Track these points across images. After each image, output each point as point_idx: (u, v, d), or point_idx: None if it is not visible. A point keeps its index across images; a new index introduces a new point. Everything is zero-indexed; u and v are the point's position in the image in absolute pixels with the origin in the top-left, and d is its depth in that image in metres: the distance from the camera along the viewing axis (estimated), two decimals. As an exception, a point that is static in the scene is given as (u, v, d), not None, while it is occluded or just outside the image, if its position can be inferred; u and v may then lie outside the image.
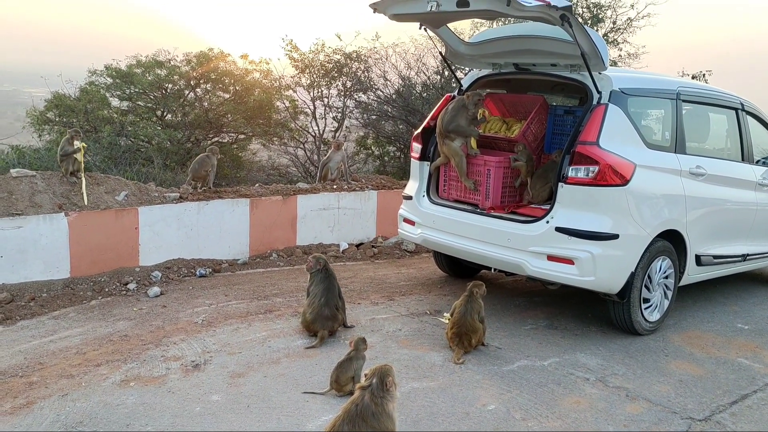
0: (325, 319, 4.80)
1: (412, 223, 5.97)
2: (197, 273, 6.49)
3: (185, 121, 12.43)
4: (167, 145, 11.62)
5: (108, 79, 12.31)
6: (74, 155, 6.19)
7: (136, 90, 12.36)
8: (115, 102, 12.57)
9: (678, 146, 5.47)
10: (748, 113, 6.44)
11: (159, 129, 11.91)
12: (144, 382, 4.09)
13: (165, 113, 12.75)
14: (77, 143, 6.22)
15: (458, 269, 6.56)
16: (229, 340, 4.78)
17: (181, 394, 3.93)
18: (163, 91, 12.54)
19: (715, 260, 5.86)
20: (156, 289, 5.87)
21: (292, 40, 12.98)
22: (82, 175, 6.25)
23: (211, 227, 6.80)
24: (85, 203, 6.04)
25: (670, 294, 5.45)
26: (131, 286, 5.99)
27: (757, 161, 6.46)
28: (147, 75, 12.29)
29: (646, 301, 5.22)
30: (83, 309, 5.47)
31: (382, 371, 3.08)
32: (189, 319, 5.24)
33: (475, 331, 4.65)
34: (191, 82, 12.71)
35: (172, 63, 12.73)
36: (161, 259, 6.48)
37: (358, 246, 7.84)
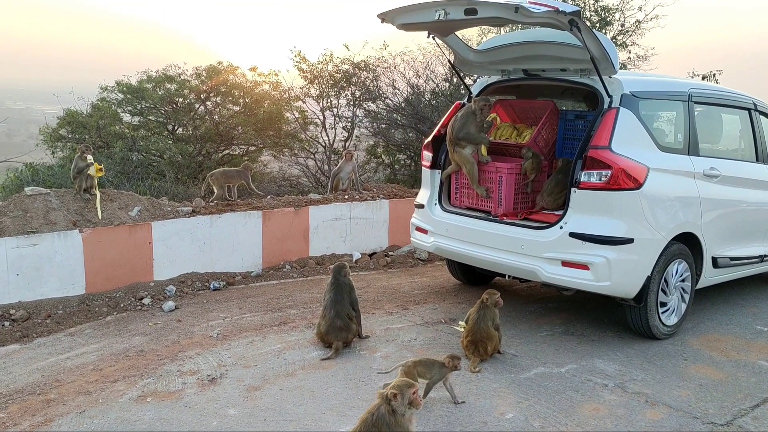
0: (338, 330, 4.79)
1: (424, 231, 5.95)
2: (211, 286, 6.50)
3: (196, 135, 12.51)
4: (179, 158, 11.69)
5: (119, 94, 12.43)
6: (87, 171, 6.22)
7: (147, 105, 12.47)
8: (126, 117, 12.69)
9: (691, 148, 5.43)
10: (761, 113, 6.39)
11: (170, 143, 12.00)
12: (161, 397, 4.09)
13: (176, 127, 12.84)
14: (89, 158, 6.26)
15: (472, 277, 6.53)
16: (245, 353, 4.78)
17: (198, 409, 3.93)
18: (174, 106, 12.64)
19: (732, 262, 5.80)
20: (170, 304, 5.88)
21: (300, 52, 13.06)
22: (96, 190, 6.29)
23: (224, 240, 6.82)
24: (100, 218, 6.07)
25: (687, 297, 5.39)
26: (146, 300, 6.01)
27: (772, 161, 6.40)
28: (157, 90, 12.40)
29: (663, 305, 5.17)
30: (99, 325, 5.49)
31: (403, 384, 3.06)
32: (204, 332, 5.24)
33: (490, 339, 4.62)
34: (201, 95, 12.80)
35: (182, 77, 12.84)
36: (175, 274, 6.50)
37: (371, 255, 7.83)
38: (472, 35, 12.98)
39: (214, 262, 6.77)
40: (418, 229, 6.04)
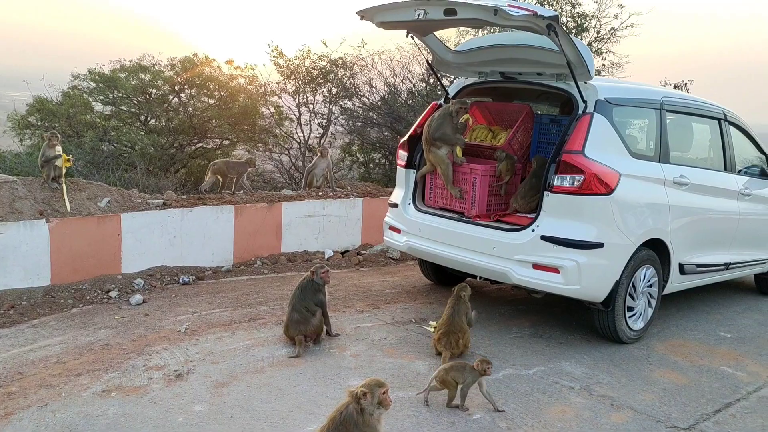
0: (296, 323, 4.77)
1: (397, 230, 5.95)
2: (180, 280, 6.42)
3: (169, 127, 12.33)
4: (150, 150, 11.52)
5: (91, 83, 12.20)
6: (55, 161, 6.09)
7: (120, 95, 12.26)
8: (98, 107, 12.45)
9: (662, 156, 5.50)
10: (731, 123, 6.51)
11: (142, 134, 11.82)
12: (125, 392, 4.02)
13: (149, 118, 12.64)
14: (58, 148, 6.14)
15: (443, 277, 6.54)
16: (213, 349, 4.73)
17: (164, 405, 3.87)
18: (147, 96, 12.45)
19: (699, 269, 5.90)
20: (138, 297, 5.79)
21: (277, 46, 12.96)
22: (63, 180, 6.17)
23: (195, 234, 6.74)
24: (68, 209, 5.95)
25: (653, 302, 5.47)
26: (113, 293, 5.91)
27: (739, 171, 6.52)
28: (131, 80, 12.19)
29: (631, 309, 5.24)
30: (64, 317, 5.39)
31: (374, 383, 3.05)
32: (172, 327, 5.17)
33: (462, 332, 4.65)
34: (175, 87, 12.62)
35: (156, 68, 12.65)
36: (144, 267, 6.40)
37: (343, 253, 7.81)
38: (451, 36, 13.03)
39: (184, 256, 6.69)
40: (392, 228, 6.04)
